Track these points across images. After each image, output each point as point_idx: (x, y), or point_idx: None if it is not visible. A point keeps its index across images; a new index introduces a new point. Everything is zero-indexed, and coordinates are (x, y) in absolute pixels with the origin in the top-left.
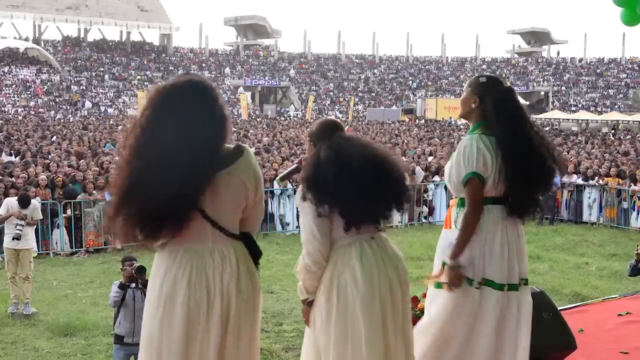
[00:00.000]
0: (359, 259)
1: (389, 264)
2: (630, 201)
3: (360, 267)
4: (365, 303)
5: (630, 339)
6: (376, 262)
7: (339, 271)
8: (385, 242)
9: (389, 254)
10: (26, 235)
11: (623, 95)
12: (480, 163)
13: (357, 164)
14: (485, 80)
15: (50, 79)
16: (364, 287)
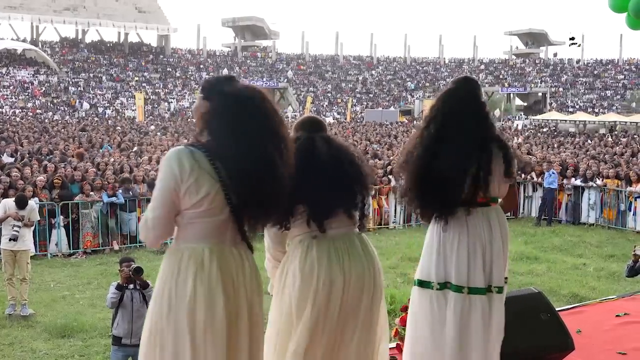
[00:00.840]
0: (302, 258)
1: (335, 264)
2: (627, 202)
3: (300, 267)
4: (297, 302)
5: (628, 340)
6: (318, 263)
7: (288, 263)
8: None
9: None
10: (23, 237)
11: (620, 96)
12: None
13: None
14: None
15: (48, 80)
16: (300, 287)
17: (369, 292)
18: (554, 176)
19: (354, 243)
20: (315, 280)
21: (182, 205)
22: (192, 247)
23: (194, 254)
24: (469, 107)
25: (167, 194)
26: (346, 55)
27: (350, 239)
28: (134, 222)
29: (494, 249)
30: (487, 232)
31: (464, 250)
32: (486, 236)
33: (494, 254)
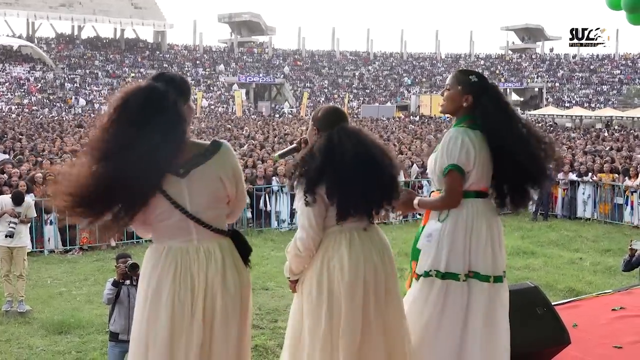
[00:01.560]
0: (347, 246)
1: (375, 252)
2: (624, 196)
3: (348, 255)
4: (349, 291)
5: (623, 334)
6: (363, 251)
7: (329, 256)
8: (374, 232)
9: (376, 242)
10: (20, 233)
11: (616, 91)
12: (462, 156)
13: (349, 157)
14: (477, 80)
15: (44, 76)
16: (349, 275)
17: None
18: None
19: (381, 235)
20: (362, 271)
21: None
22: (154, 246)
23: (154, 253)
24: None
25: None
26: (343, 51)
27: (378, 231)
28: None
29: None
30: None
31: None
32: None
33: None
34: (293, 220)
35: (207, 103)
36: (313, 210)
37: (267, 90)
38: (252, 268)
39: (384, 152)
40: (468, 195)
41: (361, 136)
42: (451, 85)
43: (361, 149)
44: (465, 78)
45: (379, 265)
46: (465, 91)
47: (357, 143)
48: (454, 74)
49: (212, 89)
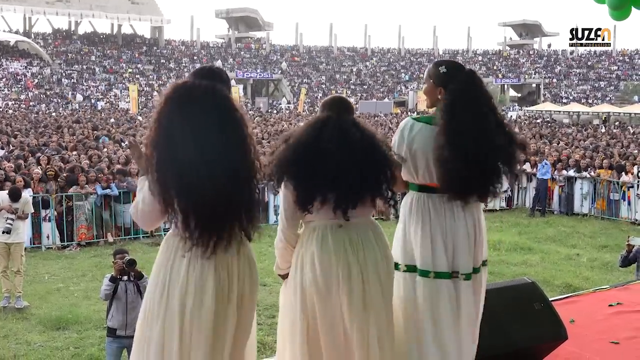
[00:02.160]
0: (319, 245)
1: (350, 251)
2: (621, 192)
3: (319, 252)
4: (320, 290)
5: (620, 329)
6: (334, 249)
7: (303, 252)
8: (354, 229)
9: (354, 240)
10: (17, 229)
11: (614, 87)
12: (396, 145)
13: (319, 147)
14: (445, 70)
15: (41, 72)
16: (320, 274)
17: (385, 282)
18: (547, 167)
19: (367, 233)
20: (335, 270)
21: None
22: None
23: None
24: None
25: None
26: (340, 47)
27: (365, 229)
28: (128, 214)
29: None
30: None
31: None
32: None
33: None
34: None
35: None
36: (282, 199)
37: (265, 86)
38: None
39: (373, 146)
40: (412, 188)
41: (346, 128)
42: (426, 79)
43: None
44: (435, 70)
45: (353, 265)
46: (437, 83)
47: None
48: (428, 69)
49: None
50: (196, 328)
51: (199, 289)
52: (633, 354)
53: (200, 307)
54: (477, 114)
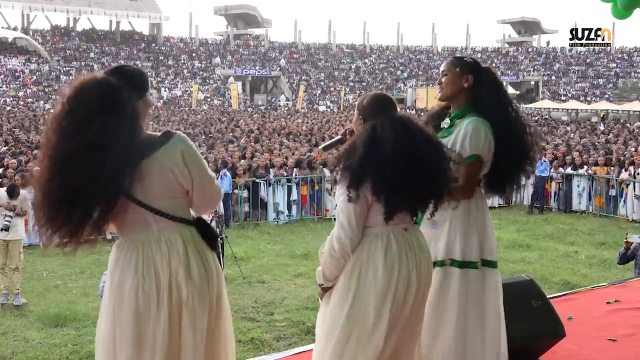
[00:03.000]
0: (383, 252)
1: (411, 259)
2: (619, 189)
3: (383, 262)
4: (378, 300)
5: (618, 327)
6: (399, 258)
7: (362, 260)
8: (414, 236)
9: (414, 246)
10: (15, 226)
11: (612, 84)
12: (485, 148)
13: (392, 149)
14: (472, 61)
15: (39, 68)
16: (382, 283)
17: (429, 288)
18: (546, 164)
19: (419, 237)
20: (395, 276)
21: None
22: (118, 240)
23: (116, 247)
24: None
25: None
26: (339, 44)
27: (417, 232)
28: None
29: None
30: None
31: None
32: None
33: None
34: (291, 212)
35: (203, 96)
36: (355, 208)
37: (264, 83)
38: (247, 261)
39: (432, 142)
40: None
41: (408, 125)
42: (448, 69)
43: (405, 139)
44: (461, 60)
45: (412, 275)
46: (464, 71)
47: (403, 133)
48: (449, 60)
49: (208, 81)
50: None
51: (119, 296)
52: (631, 351)
53: (120, 316)
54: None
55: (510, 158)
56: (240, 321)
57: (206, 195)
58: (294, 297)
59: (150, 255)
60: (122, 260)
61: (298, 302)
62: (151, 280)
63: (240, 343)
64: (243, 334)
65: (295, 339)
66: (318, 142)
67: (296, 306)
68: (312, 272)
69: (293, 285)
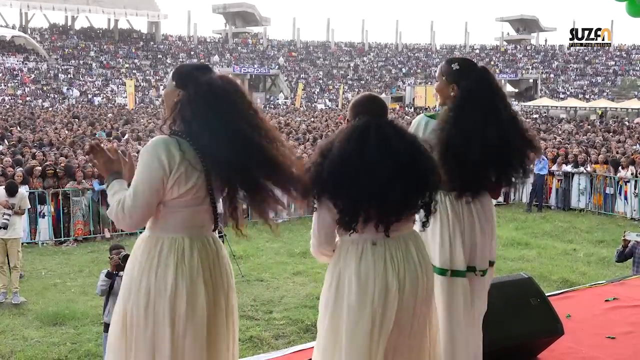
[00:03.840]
0: (357, 262)
1: (391, 269)
2: (617, 187)
3: (356, 273)
4: (352, 311)
5: (616, 324)
6: (374, 269)
7: (340, 268)
8: (396, 244)
9: (394, 256)
10: (14, 225)
11: (611, 82)
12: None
13: (369, 157)
14: (458, 67)
15: (38, 67)
16: (356, 295)
17: (422, 298)
18: (544, 162)
19: (409, 247)
20: (371, 289)
21: (168, 196)
22: (171, 237)
23: (174, 245)
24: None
25: (153, 183)
26: (337, 42)
27: (406, 243)
28: None
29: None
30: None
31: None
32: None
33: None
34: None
35: None
36: (317, 217)
37: (262, 82)
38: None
39: (417, 152)
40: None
41: (388, 136)
42: (438, 77)
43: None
44: (448, 68)
45: (392, 287)
46: (449, 80)
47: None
48: (440, 66)
49: None
50: (190, 335)
51: (190, 295)
52: (629, 348)
53: (194, 314)
54: (489, 111)
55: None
56: (239, 319)
57: None
58: (293, 296)
59: (211, 255)
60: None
61: (297, 300)
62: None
63: (239, 341)
64: (242, 332)
65: (294, 337)
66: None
67: (295, 304)
68: (310, 270)
69: (292, 284)
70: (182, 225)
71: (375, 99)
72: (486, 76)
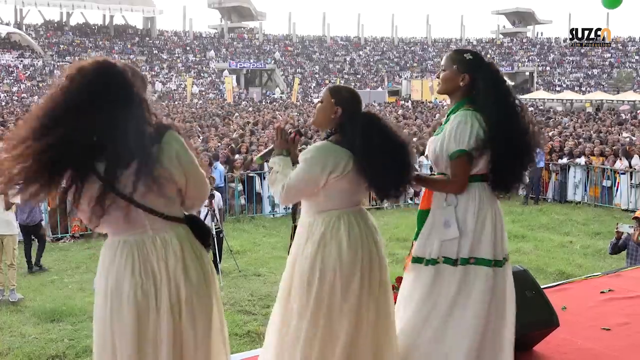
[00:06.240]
0: (346, 232)
1: (371, 238)
2: (613, 178)
3: (347, 241)
4: (345, 278)
5: (611, 316)
6: (361, 236)
7: (326, 241)
8: (367, 214)
9: (370, 226)
10: (9, 222)
11: (607, 75)
12: (472, 141)
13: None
14: (472, 58)
15: (33, 63)
16: (347, 262)
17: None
18: (541, 155)
19: (367, 214)
20: (360, 256)
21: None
22: (109, 241)
23: (110, 248)
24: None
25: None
26: (333, 36)
27: (364, 211)
28: None
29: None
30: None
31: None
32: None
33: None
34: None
35: (197, 89)
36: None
37: (258, 76)
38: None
39: (403, 138)
40: (475, 179)
41: (383, 122)
42: (446, 65)
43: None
44: (460, 57)
45: (374, 252)
46: (461, 70)
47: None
48: (449, 54)
49: (203, 75)
50: (118, 333)
51: (116, 299)
52: (624, 340)
53: (120, 311)
54: (512, 103)
55: (509, 155)
56: (237, 314)
57: (199, 191)
58: None
59: (147, 256)
60: (117, 261)
61: None
62: (149, 280)
63: (236, 336)
64: (239, 327)
65: None
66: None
67: None
68: None
69: None
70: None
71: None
72: (497, 69)
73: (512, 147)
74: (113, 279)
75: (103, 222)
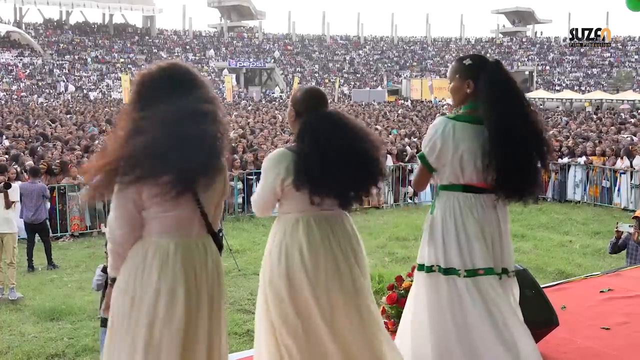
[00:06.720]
0: (305, 235)
1: (334, 242)
2: (612, 178)
3: (307, 245)
4: (311, 282)
5: (611, 315)
6: (322, 240)
7: (287, 243)
8: (338, 220)
9: (337, 231)
10: (9, 220)
11: (607, 74)
12: (427, 148)
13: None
14: (471, 62)
15: (32, 62)
16: (311, 266)
17: (364, 267)
18: None
19: (344, 223)
20: (322, 260)
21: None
22: (156, 241)
23: (159, 249)
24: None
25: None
26: (333, 35)
27: (341, 219)
28: None
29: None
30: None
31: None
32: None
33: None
34: None
35: None
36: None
37: (258, 75)
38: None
39: (363, 136)
40: (454, 188)
41: (337, 120)
42: (451, 77)
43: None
44: (460, 65)
45: (338, 254)
46: (464, 77)
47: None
48: (452, 66)
49: (202, 74)
50: (166, 338)
51: (170, 298)
52: (624, 339)
53: (172, 317)
54: (519, 103)
55: (516, 158)
56: (236, 313)
57: (221, 211)
58: None
59: (194, 261)
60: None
61: None
62: (195, 285)
63: (236, 335)
64: (239, 326)
65: None
66: None
67: None
68: None
69: None
70: (166, 230)
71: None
72: (501, 67)
73: (517, 156)
74: (169, 281)
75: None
